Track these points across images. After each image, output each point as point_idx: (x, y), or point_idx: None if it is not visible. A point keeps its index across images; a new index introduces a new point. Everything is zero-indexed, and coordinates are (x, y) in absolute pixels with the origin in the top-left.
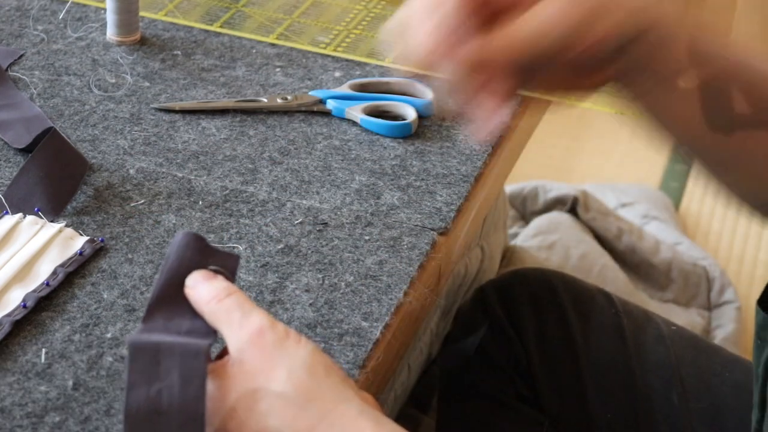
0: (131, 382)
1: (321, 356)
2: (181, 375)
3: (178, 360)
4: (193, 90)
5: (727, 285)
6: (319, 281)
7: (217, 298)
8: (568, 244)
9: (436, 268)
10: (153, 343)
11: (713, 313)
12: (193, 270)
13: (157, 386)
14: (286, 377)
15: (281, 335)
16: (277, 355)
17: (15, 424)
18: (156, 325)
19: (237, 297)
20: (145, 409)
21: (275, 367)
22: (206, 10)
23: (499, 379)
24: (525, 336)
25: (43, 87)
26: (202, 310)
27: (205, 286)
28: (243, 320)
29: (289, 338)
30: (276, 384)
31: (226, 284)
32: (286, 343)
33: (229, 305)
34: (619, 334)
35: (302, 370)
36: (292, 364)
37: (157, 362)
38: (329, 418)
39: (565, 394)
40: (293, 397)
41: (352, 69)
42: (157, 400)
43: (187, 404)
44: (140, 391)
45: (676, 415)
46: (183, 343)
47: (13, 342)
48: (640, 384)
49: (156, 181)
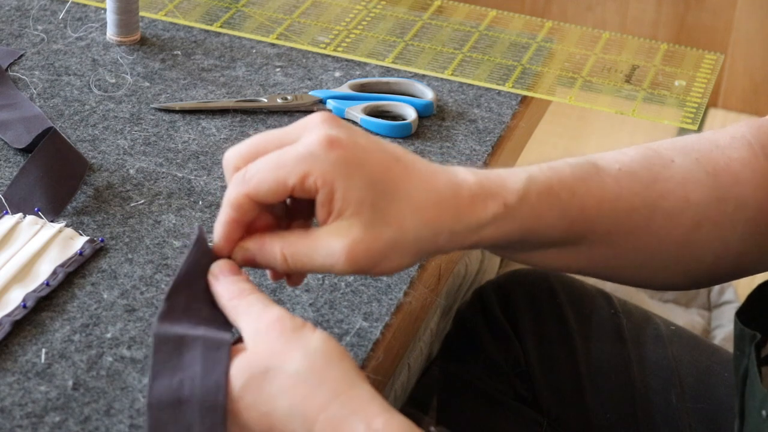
0: (155, 372)
1: (336, 344)
2: (204, 366)
3: (201, 351)
4: (193, 90)
5: (727, 285)
6: (319, 281)
7: (241, 296)
8: None
9: (436, 268)
10: (177, 335)
11: (713, 313)
12: (215, 259)
13: (180, 376)
14: (302, 357)
15: (298, 324)
16: (294, 339)
17: (15, 424)
18: (178, 305)
19: (260, 296)
20: (168, 399)
21: (291, 349)
22: (206, 10)
23: (498, 379)
24: (524, 336)
25: (43, 87)
26: (222, 305)
27: (228, 282)
28: (262, 311)
29: (306, 326)
30: (290, 364)
31: (249, 285)
32: (303, 330)
33: (251, 300)
34: (618, 334)
35: (317, 353)
36: (307, 348)
37: (180, 353)
38: (340, 399)
39: (563, 394)
40: (306, 376)
41: (352, 69)
42: (179, 390)
43: (208, 394)
44: (163, 380)
45: (674, 415)
46: (206, 336)
47: (13, 342)
48: (638, 384)
49: (156, 181)
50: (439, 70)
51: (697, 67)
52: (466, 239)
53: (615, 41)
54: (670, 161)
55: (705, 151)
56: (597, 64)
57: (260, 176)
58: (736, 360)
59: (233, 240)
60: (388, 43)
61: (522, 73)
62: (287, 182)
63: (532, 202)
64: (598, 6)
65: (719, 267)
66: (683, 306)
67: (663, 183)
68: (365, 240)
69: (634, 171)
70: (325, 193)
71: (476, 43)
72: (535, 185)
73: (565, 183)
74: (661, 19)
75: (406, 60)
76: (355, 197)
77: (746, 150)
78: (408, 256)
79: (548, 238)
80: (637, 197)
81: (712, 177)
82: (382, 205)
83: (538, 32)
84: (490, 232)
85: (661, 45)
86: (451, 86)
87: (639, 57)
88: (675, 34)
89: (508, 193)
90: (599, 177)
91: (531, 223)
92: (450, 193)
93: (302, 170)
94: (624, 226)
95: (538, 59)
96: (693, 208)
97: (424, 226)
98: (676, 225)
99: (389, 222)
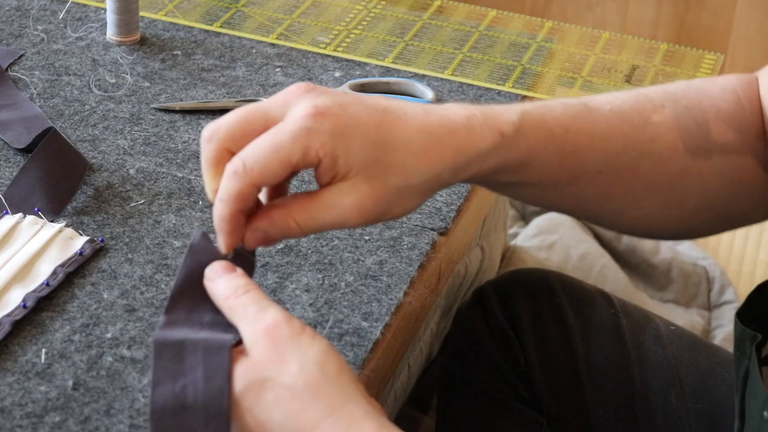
0: (156, 379)
1: (334, 354)
2: (205, 370)
3: (202, 355)
4: (193, 90)
5: (727, 285)
6: (319, 281)
7: (234, 295)
8: (569, 244)
9: (436, 268)
10: (177, 340)
11: (713, 313)
12: (212, 261)
13: (182, 382)
14: (297, 371)
15: (297, 330)
16: (291, 349)
17: (15, 424)
18: (178, 316)
19: (254, 294)
20: (171, 405)
21: (287, 360)
22: (206, 10)
23: (497, 379)
24: (523, 336)
25: (43, 87)
26: (219, 305)
27: (223, 281)
28: (258, 315)
29: (304, 334)
30: (286, 376)
31: (244, 281)
32: (301, 338)
33: (246, 301)
34: (617, 334)
35: (314, 366)
36: (304, 359)
37: (181, 358)
38: (335, 416)
39: (563, 394)
40: (302, 391)
41: (352, 69)
42: (182, 396)
43: (212, 399)
44: (165, 387)
45: (674, 415)
46: (206, 339)
47: (13, 342)
48: (638, 384)
49: (156, 181)
50: (439, 70)
51: (697, 67)
52: (467, 171)
53: (615, 41)
54: (661, 107)
55: (695, 100)
56: (597, 64)
57: (262, 163)
58: (736, 361)
59: (241, 229)
60: (388, 43)
61: (522, 73)
62: (290, 161)
63: (527, 134)
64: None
65: (700, 217)
66: (683, 306)
67: (653, 127)
68: (372, 192)
69: (625, 112)
70: (327, 162)
71: (476, 43)
72: (530, 118)
73: (558, 119)
74: (661, 19)
75: (406, 60)
76: (357, 158)
77: (734, 103)
78: (415, 198)
79: (543, 175)
80: (628, 138)
81: (701, 126)
82: (383, 158)
83: (538, 32)
84: (489, 162)
85: (661, 45)
86: (451, 86)
87: (639, 57)
88: (675, 34)
89: (504, 123)
90: (591, 116)
91: (527, 154)
92: (445, 131)
93: (302, 147)
94: (614, 167)
95: (538, 59)
96: (680, 155)
97: (427, 168)
98: (663, 170)
99: (392, 171)
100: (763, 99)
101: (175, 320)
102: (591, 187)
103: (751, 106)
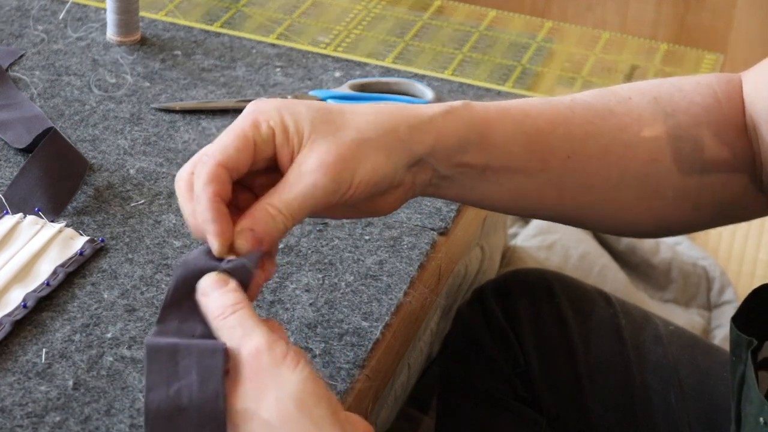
0: (150, 384)
1: (314, 384)
2: (200, 373)
3: (196, 359)
4: (193, 90)
5: (727, 285)
6: (319, 281)
7: (222, 316)
8: (568, 244)
9: (436, 268)
10: (170, 344)
11: (713, 313)
12: (205, 272)
13: (176, 386)
14: (274, 405)
15: (278, 359)
16: (269, 380)
17: (15, 424)
18: (170, 327)
19: (241, 314)
20: (165, 409)
21: (265, 391)
22: (206, 10)
23: (497, 379)
24: (523, 336)
25: (43, 87)
26: (210, 323)
27: (213, 298)
28: (243, 339)
29: (285, 362)
30: (264, 410)
31: (233, 299)
32: (281, 369)
33: (232, 323)
34: (617, 334)
35: (290, 401)
36: (281, 393)
37: (175, 362)
38: None
39: (563, 394)
40: (276, 426)
41: (352, 69)
42: (177, 400)
43: (207, 402)
44: (160, 391)
45: (674, 416)
46: (200, 343)
47: (14, 342)
48: (638, 384)
49: (156, 181)
50: (440, 70)
51: (697, 67)
52: (425, 136)
53: (615, 41)
54: (627, 98)
55: (666, 93)
56: (597, 64)
57: (219, 144)
58: (732, 366)
59: (226, 217)
60: (388, 43)
61: (522, 73)
62: (245, 135)
63: (478, 108)
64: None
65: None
66: (683, 306)
67: (619, 117)
68: (331, 147)
69: (588, 102)
70: (280, 132)
71: (476, 43)
72: (482, 101)
73: (517, 105)
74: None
75: (406, 60)
76: (306, 122)
77: (710, 97)
78: (379, 152)
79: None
80: (593, 126)
81: (671, 116)
82: (333, 119)
83: (538, 32)
84: (445, 131)
85: (661, 45)
86: (451, 86)
87: (639, 57)
88: (675, 34)
89: (453, 102)
90: (551, 104)
91: (484, 126)
92: (395, 107)
93: (251, 119)
94: (583, 153)
95: (538, 59)
96: (649, 143)
97: (380, 124)
98: (632, 158)
99: (345, 127)
100: (746, 96)
101: (166, 331)
102: (565, 175)
103: (729, 102)
